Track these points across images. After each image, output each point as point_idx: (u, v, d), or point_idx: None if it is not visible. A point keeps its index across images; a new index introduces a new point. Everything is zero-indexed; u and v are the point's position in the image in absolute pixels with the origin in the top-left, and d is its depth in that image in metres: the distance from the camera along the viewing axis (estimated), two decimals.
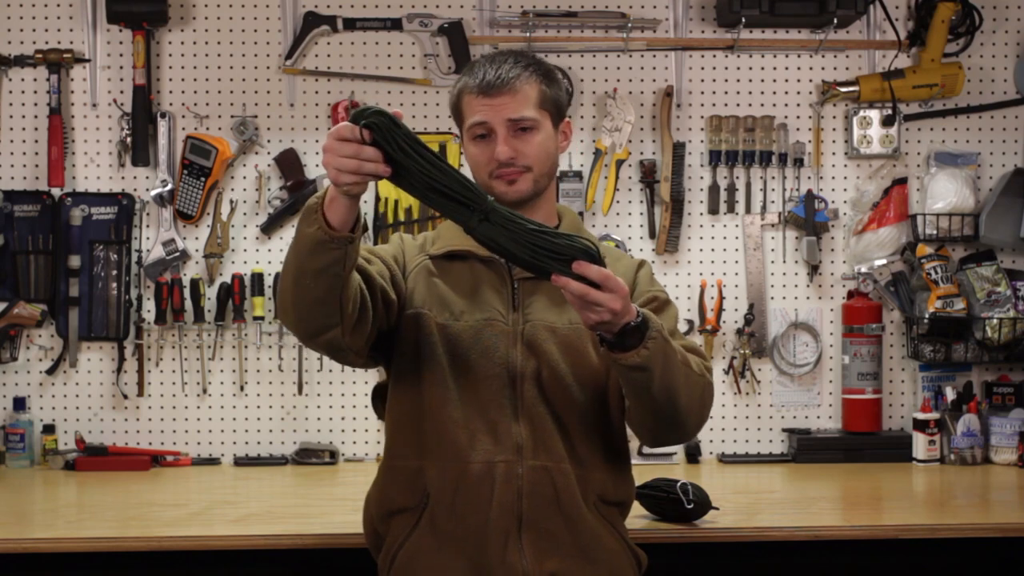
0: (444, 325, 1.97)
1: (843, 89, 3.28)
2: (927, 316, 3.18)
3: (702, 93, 3.31)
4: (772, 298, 3.31)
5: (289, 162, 3.23)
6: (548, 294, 1.98)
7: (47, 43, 3.22)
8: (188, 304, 3.18)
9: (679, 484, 2.43)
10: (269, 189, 3.24)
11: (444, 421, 1.94)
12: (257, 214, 3.25)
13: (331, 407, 3.24)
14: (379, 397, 2.11)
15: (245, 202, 3.25)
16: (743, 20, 3.18)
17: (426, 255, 2.05)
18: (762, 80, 3.32)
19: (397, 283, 1.98)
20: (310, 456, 3.19)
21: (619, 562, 1.99)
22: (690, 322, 3.27)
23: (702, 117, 3.31)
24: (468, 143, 2.02)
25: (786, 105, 3.32)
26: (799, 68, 3.32)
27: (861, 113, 3.29)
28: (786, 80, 3.32)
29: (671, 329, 1.99)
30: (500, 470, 1.92)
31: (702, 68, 3.31)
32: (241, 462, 3.20)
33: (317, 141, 3.25)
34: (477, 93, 1.98)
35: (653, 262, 3.26)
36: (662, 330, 1.83)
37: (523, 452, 1.93)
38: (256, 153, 3.25)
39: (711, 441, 3.28)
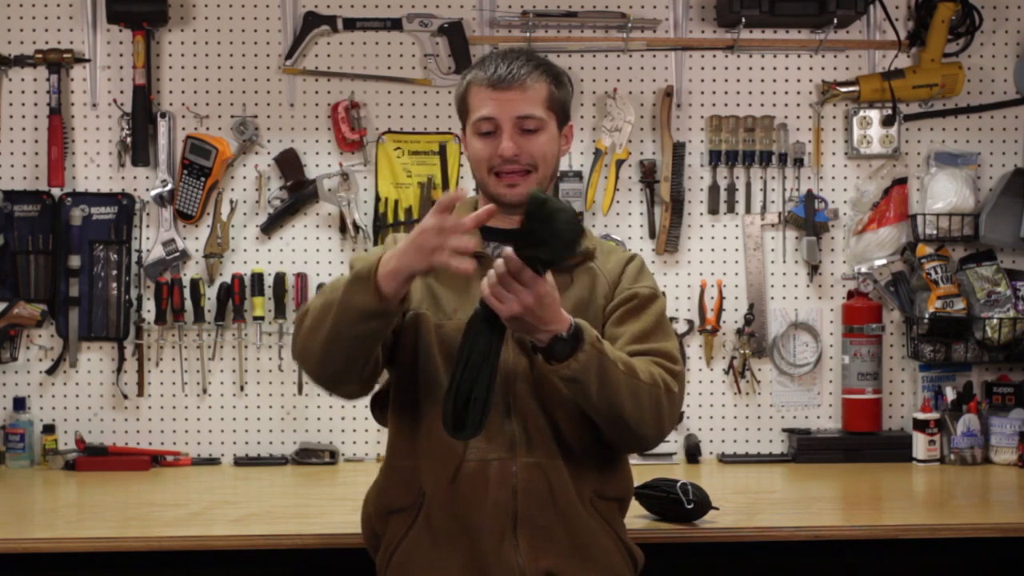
0: (438, 325, 1.97)
1: (843, 89, 3.28)
2: (927, 316, 3.18)
3: (702, 93, 3.31)
4: (772, 298, 3.31)
5: (289, 162, 3.23)
6: None
7: (47, 43, 3.22)
8: (188, 304, 3.18)
9: (679, 484, 2.43)
10: (269, 189, 3.24)
11: (438, 420, 1.94)
12: (257, 214, 3.25)
13: (331, 407, 3.24)
14: (377, 405, 2.11)
15: (245, 202, 3.25)
16: (743, 20, 3.18)
17: None
18: (762, 80, 3.32)
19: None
20: (310, 456, 3.18)
21: (614, 560, 1.99)
22: (690, 322, 3.27)
23: (702, 117, 3.31)
24: (472, 137, 2.01)
25: (786, 105, 3.32)
26: (799, 68, 3.32)
27: (861, 113, 3.29)
28: (786, 80, 3.32)
29: (645, 328, 1.97)
30: (494, 468, 1.93)
31: (702, 68, 3.31)
32: (241, 462, 3.20)
33: (317, 141, 3.25)
34: (487, 86, 1.97)
35: (653, 262, 3.26)
36: (596, 343, 1.83)
37: (516, 449, 1.93)
38: (256, 153, 3.25)
39: (711, 441, 3.28)
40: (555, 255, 1.75)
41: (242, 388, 3.23)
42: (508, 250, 1.75)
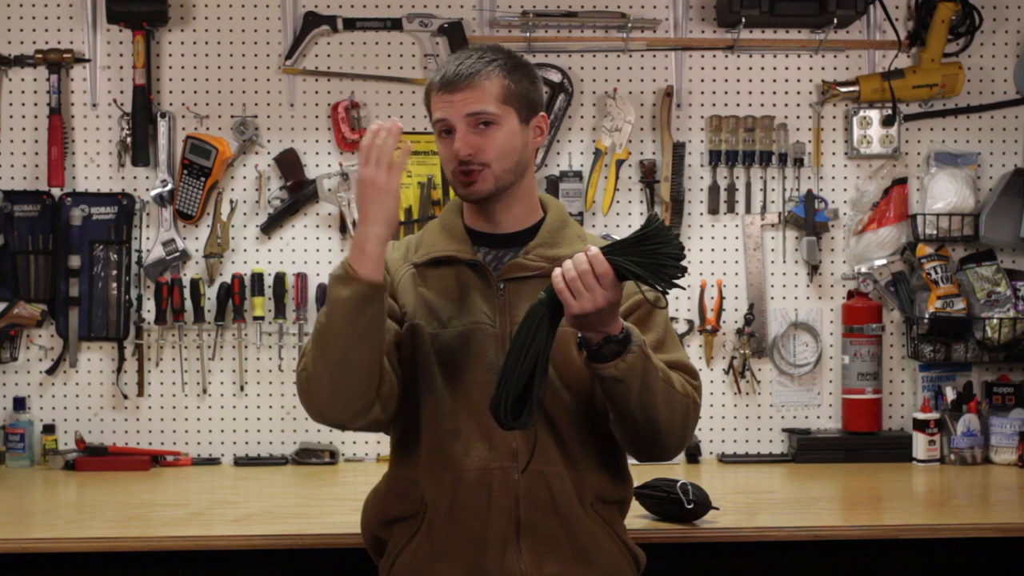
0: (434, 334, 1.97)
1: (843, 89, 3.28)
2: (927, 316, 3.18)
3: (702, 93, 3.31)
4: (772, 298, 3.31)
5: (289, 162, 3.23)
6: (534, 296, 1.97)
7: (47, 43, 3.22)
8: (188, 304, 3.18)
9: (679, 484, 2.43)
10: (269, 189, 3.24)
11: (438, 432, 1.95)
12: (257, 214, 3.25)
13: None
14: None
15: (245, 202, 3.25)
16: (743, 20, 3.18)
17: (410, 264, 2.04)
18: (762, 80, 3.32)
19: (394, 313, 1.99)
20: (310, 456, 3.18)
21: (617, 563, 1.99)
22: (690, 322, 3.27)
23: (702, 117, 3.31)
24: (436, 140, 2.01)
25: (786, 105, 3.32)
26: (799, 68, 3.32)
27: (861, 113, 3.29)
28: (786, 80, 3.32)
29: (660, 338, 1.98)
30: (496, 477, 1.93)
31: (702, 68, 3.31)
32: (241, 462, 3.20)
33: (317, 141, 3.25)
34: (439, 89, 1.96)
35: None
36: (644, 346, 1.84)
37: (518, 457, 1.93)
38: (256, 153, 3.25)
39: (711, 441, 3.28)
40: (650, 274, 1.76)
41: (242, 388, 3.23)
42: (595, 250, 1.76)
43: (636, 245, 1.77)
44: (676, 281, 1.77)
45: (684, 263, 1.77)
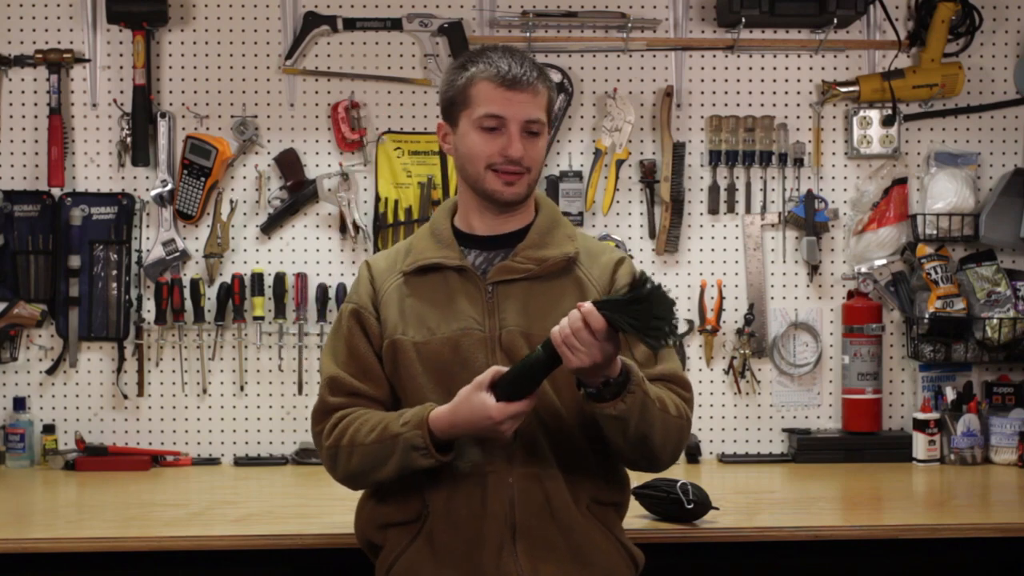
0: (422, 343, 1.97)
1: (843, 89, 3.28)
2: (927, 316, 3.18)
3: (702, 93, 3.31)
4: (772, 298, 3.31)
5: (289, 162, 3.23)
6: (523, 301, 1.98)
7: (47, 43, 3.22)
8: (188, 304, 3.18)
9: (679, 484, 2.43)
10: (269, 189, 3.24)
11: None
12: (257, 214, 3.25)
13: None
14: None
15: (245, 202, 3.25)
16: (743, 20, 3.18)
17: (399, 273, 2.05)
18: (762, 80, 3.32)
19: (375, 344, 2.03)
20: (310, 456, 3.18)
21: (614, 563, 1.99)
22: (690, 322, 3.27)
23: (702, 117, 3.31)
24: (473, 131, 1.98)
25: (786, 105, 3.32)
26: (799, 68, 3.32)
27: (861, 113, 3.29)
28: (786, 80, 3.32)
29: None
30: (491, 480, 1.93)
31: (702, 68, 3.31)
32: (241, 462, 3.20)
33: (317, 141, 3.25)
34: (499, 84, 1.95)
35: (653, 262, 3.26)
36: (642, 383, 1.85)
37: (512, 460, 1.94)
38: (256, 153, 3.25)
39: (711, 441, 3.28)
40: (644, 333, 1.77)
41: (242, 388, 3.23)
42: (589, 305, 1.77)
43: (629, 304, 1.77)
44: (668, 340, 1.79)
45: (675, 321, 1.80)
